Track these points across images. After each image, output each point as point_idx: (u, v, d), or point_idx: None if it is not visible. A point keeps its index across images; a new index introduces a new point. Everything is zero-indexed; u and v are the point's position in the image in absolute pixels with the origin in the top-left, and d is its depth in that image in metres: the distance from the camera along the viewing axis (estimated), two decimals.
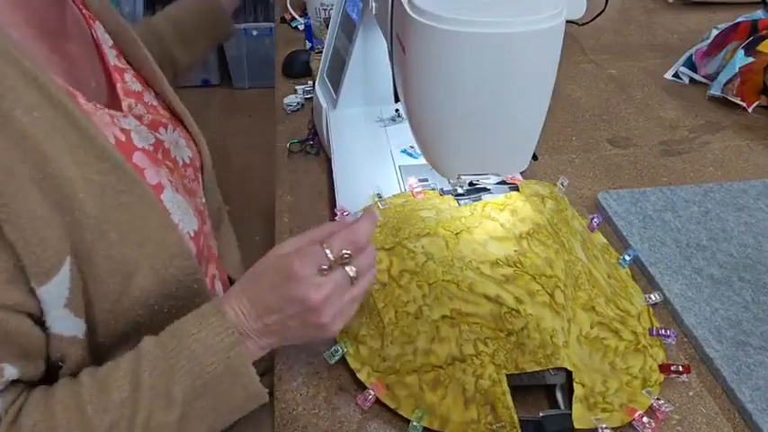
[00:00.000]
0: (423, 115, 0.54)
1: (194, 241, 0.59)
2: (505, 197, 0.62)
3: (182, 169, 0.66)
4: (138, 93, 0.66)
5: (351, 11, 0.78)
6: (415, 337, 0.54)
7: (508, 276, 0.54)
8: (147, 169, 0.56)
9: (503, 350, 0.53)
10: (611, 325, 0.56)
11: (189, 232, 0.58)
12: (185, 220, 0.58)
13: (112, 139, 0.53)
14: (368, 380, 0.55)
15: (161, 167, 0.59)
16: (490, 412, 0.51)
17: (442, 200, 0.63)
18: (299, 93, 1.04)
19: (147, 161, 0.56)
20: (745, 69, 0.96)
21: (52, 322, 0.48)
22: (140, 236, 0.51)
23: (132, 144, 0.56)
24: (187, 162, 0.68)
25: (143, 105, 0.65)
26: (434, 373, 0.53)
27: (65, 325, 0.48)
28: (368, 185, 0.73)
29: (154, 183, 0.56)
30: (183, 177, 0.66)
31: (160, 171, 0.58)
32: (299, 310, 0.49)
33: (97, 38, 0.64)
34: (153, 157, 0.58)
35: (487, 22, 0.44)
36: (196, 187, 0.69)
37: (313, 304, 0.48)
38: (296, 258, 0.48)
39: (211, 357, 0.48)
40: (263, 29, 2.69)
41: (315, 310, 0.49)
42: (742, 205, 0.76)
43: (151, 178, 0.56)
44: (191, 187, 0.67)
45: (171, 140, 0.65)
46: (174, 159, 0.65)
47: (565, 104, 1.02)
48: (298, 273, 0.48)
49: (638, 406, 0.52)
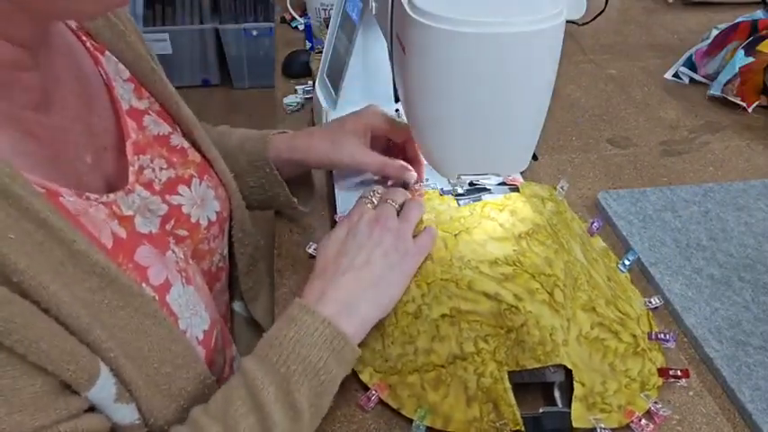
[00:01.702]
0: (423, 115, 0.54)
1: (205, 342, 0.53)
2: (505, 197, 0.62)
3: (203, 231, 0.60)
4: (163, 137, 0.58)
5: (351, 11, 0.78)
6: (416, 336, 0.54)
7: (507, 275, 0.54)
8: (151, 267, 0.49)
9: (503, 347, 0.53)
10: (612, 326, 0.56)
11: (197, 336, 0.52)
12: (194, 320, 0.51)
13: (110, 241, 0.46)
14: (370, 381, 0.55)
15: (168, 250, 0.52)
16: (493, 410, 0.51)
17: (442, 200, 0.63)
18: (299, 93, 1.04)
19: (152, 254, 0.49)
20: (745, 69, 0.96)
21: (109, 416, 0.44)
22: (140, 353, 0.45)
23: (134, 237, 0.49)
24: (213, 219, 0.61)
25: (167, 155, 0.58)
26: (436, 372, 0.53)
27: (121, 414, 0.45)
28: (368, 186, 0.73)
29: (159, 282, 0.49)
30: (200, 242, 0.59)
31: (168, 260, 0.51)
32: (365, 235, 0.55)
33: (107, 76, 0.56)
34: (160, 240, 0.52)
35: (487, 23, 0.44)
36: (217, 245, 0.63)
37: (371, 216, 0.56)
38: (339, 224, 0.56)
39: (318, 353, 0.47)
40: (263, 29, 2.69)
41: (377, 222, 0.56)
42: (742, 205, 0.76)
43: (156, 277, 0.49)
44: (210, 248, 0.62)
45: (195, 199, 0.59)
46: (194, 224, 0.59)
47: (565, 104, 1.02)
48: (345, 219, 0.56)
49: (636, 408, 0.52)
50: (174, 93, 0.61)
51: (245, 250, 0.70)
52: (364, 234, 0.55)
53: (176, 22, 2.70)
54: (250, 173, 0.73)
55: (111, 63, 0.57)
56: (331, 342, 0.48)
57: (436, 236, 0.57)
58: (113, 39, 0.57)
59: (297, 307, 0.50)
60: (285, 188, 0.73)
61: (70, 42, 0.54)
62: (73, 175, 0.49)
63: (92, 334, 0.41)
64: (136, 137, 0.55)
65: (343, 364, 0.49)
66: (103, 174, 0.53)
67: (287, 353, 0.47)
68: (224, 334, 0.61)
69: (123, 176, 0.53)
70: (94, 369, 0.41)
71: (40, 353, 0.38)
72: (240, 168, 0.73)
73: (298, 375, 0.46)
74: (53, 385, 0.40)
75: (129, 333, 0.44)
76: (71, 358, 0.39)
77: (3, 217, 0.38)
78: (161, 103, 0.60)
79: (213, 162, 0.64)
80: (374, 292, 0.53)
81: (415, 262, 0.56)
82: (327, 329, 0.48)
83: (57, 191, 0.44)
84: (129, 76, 0.58)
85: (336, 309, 0.51)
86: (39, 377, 0.39)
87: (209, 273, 0.62)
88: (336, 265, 0.54)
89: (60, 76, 0.51)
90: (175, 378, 0.47)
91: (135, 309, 0.45)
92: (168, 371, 0.47)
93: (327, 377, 0.48)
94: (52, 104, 0.49)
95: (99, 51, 0.56)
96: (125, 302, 0.44)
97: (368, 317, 0.52)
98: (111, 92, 0.56)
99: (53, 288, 0.39)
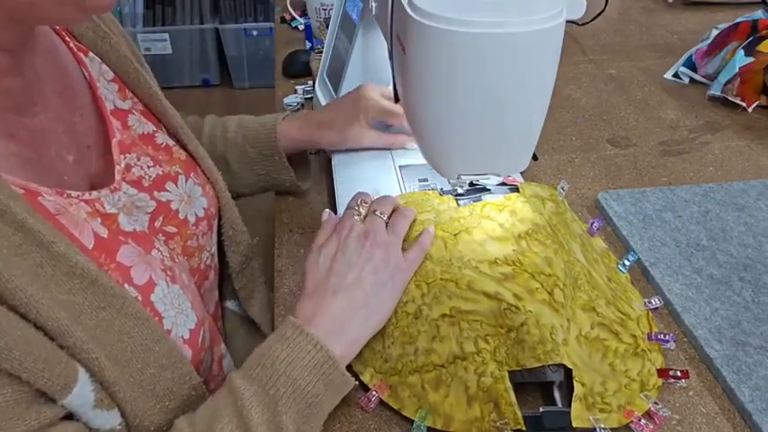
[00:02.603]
0: (423, 115, 0.54)
1: (191, 341, 0.52)
2: (505, 198, 0.62)
3: (191, 227, 0.60)
4: (148, 135, 0.59)
5: (351, 11, 0.78)
6: (416, 336, 0.54)
7: (507, 274, 0.54)
8: (134, 267, 0.48)
9: (503, 346, 0.53)
10: (612, 327, 0.56)
11: (183, 335, 0.51)
12: (179, 319, 0.51)
13: (91, 241, 0.46)
14: (371, 381, 0.55)
15: (153, 249, 0.52)
16: (494, 409, 0.51)
17: (442, 200, 0.63)
18: (299, 93, 1.04)
19: (135, 252, 0.49)
20: (745, 69, 0.96)
21: (88, 423, 0.44)
22: (123, 354, 0.44)
23: (117, 236, 0.49)
24: (200, 216, 0.62)
25: (152, 153, 0.58)
26: (436, 372, 0.53)
27: (101, 421, 0.44)
28: (368, 185, 0.73)
29: (143, 282, 0.49)
30: (189, 238, 0.60)
31: (153, 258, 0.51)
32: (355, 252, 0.54)
33: (90, 77, 0.56)
34: (144, 238, 0.52)
35: (487, 23, 0.44)
36: (205, 241, 0.64)
37: (360, 231, 0.56)
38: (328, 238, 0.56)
39: (308, 377, 0.47)
40: (263, 29, 2.69)
41: (366, 237, 0.55)
42: (742, 205, 0.76)
43: (140, 277, 0.48)
44: (198, 245, 0.62)
45: (183, 196, 0.59)
46: (183, 220, 0.59)
47: (565, 104, 1.02)
48: (334, 233, 0.56)
49: (636, 409, 0.52)
50: (159, 92, 0.62)
51: (236, 248, 0.70)
52: (354, 251, 0.55)
53: (176, 22, 2.70)
54: (258, 161, 0.76)
55: (94, 64, 0.57)
56: (321, 366, 0.48)
57: (428, 248, 0.57)
58: (97, 40, 0.57)
59: (290, 327, 0.50)
60: (292, 174, 0.76)
61: (54, 43, 0.54)
62: (54, 174, 0.49)
63: (72, 336, 0.41)
64: (121, 136, 0.56)
65: (331, 389, 0.49)
66: (87, 172, 0.53)
67: (277, 374, 0.47)
68: (212, 332, 0.61)
69: (108, 175, 0.54)
70: (71, 376, 0.41)
71: (13, 360, 0.37)
72: (248, 158, 0.76)
73: (286, 398, 0.46)
74: (26, 393, 0.39)
75: (112, 334, 0.44)
76: (45, 365, 0.39)
77: None
78: (145, 102, 0.61)
79: (200, 160, 0.64)
80: (365, 312, 0.53)
81: (405, 277, 0.56)
82: (319, 354, 0.48)
83: (36, 191, 0.44)
84: (114, 76, 0.59)
85: (327, 330, 0.50)
86: (10, 385, 0.38)
87: (197, 270, 0.62)
88: (327, 284, 0.53)
89: (42, 76, 0.51)
90: (160, 379, 0.47)
91: (117, 309, 0.45)
92: (153, 371, 0.47)
93: (314, 401, 0.48)
94: (34, 105, 0.49)
95: (82, 52, 0.57)
96: (106, 303, 0.44)
97: (358, 338, 0.53)
98: (95, 92, 0.56)
99: (30, 291, 0.39)
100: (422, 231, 0.58)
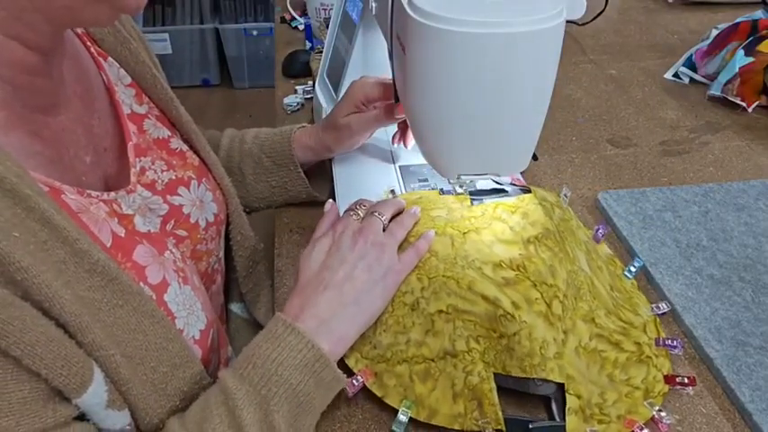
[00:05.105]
0: (423, 115, 0.54)
1: (201, 342, 0.53)
2: (518, 199, 0.61)
3: (201, 232, 0.61)
4: (163, 140, 0.60)
5: (351, 11, 0.78)
6: (410, 327, 0.54)
7: (509, 280, 0.54)
8: (149, 266, 0.49)
9: (493, 350, 0.53)
10: (611, 337, 0.56)
11: (194, 335, 0.52)
12: (191, 320, 0.52)
13: (109, 240, 0.47)
14: (356, 366, 0.55)
15: (165, 251, 0.52)
16: (477, 408, 0.51)
17: (456, 199, 0.63)
18: (299, 93, 1.04)
19: (149, 252, 0.50)
20: (745, 69, 0.96)
21: (99, 423, 0.45)
22: (138, 352, 0.45)
23: (133, 236, 0.50)
24: (210, 221, 0.62)
25: (166, 157, 0.59)
26: (425, 365, 0.53)
27: (112, 421, 0.45)
28: (368, 185, 0.73)
29: (157, 282, 0.49)
30: (198, 242, 0.61)
31: (166, 260, 0.52)
32: (348, 248, 0.54)
33: (108, 81, 0.57)
34: (158, 240, 0.53)
35: (487, 23, 0.44)
36: (214, 246, 0.64)
37: (355, 228, 0.56)
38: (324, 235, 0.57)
39: (299, 376, 0.47)
40: (263, 29, 2.69)
41: (361, 234, 0.55)
42: (742, 205, 0.76)
43: (154, 276, 0.49)
44: (207, 249, 0.62)
45: (194, 200, 0.60)
46: (193, 224, 0.60)
47: (565, 104, 1.02)
48: (330, 230, 0.57)
49: (638, 417, 0.52)
50: (174, 98, 0.62)
51: (243, 253, 0.71)
52: (347, 247, 0.55)
53: (176, 22, 2.70)
54: (273, 172, 0.76)
55: (113, 68, 0.58)
56: (313, 365, 0.48)
57: (423, 253, 0.57)
58: (117, 45, 0.58)
59: (280, 324, 0.49)
60: (307, 184, 0.76)
61: (76, 46, 0.55)
62: (73, 174, 0.49)
63: (91, 333, 0.41)
64: (136, 140, 0.57)
65: (322, 386, 0.49)
66: (103, 174, 0.54)
67: (269, 374, 0.47)
68: (220, 334, 0.61)
69: (123, 177, 0.54)
70: (87, 375, 0.41)
71: (35, 356, 0.38)
72: (263, 168, 0.76)
73: (278, 398, 0.46)
74: (43, 391, 0.40)
75: (128, 332, 0.45)
76: (64, 363, 0.39)
77: (9, 216, 0.38)
78: (161, 108, 0.62)
79: (211, 166, 0.65)
80: (354, 309, 0.53)
81: (398, 278, 0.55)
82: (310, 352, 0.48)
83: (59, 188, 0.45)
84: (131, 81, 0.60)
85: (315, 325, 0.50)
86: (29, 382, 0.39)
87: (205, 274, 0.63)
88: (318, 279, 0.53)
89: (66, 78, 0.52)
90: (172, 378, 0.48)
91: (134, 307, 0.45)
92: (165, 370, 0.47)
93: (306, 399, 0.48)
94: (57, 106, 0.50)
95: (102, 57, 0.58)
96: (124, 301, 0.44)
97: (347, 335, 0.52)
98: (113, 96, 0.57)
99: (55, 286, 0.39)
100: (422, 234, 0.58)
